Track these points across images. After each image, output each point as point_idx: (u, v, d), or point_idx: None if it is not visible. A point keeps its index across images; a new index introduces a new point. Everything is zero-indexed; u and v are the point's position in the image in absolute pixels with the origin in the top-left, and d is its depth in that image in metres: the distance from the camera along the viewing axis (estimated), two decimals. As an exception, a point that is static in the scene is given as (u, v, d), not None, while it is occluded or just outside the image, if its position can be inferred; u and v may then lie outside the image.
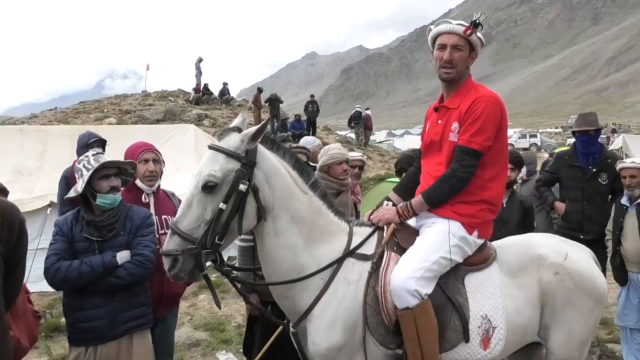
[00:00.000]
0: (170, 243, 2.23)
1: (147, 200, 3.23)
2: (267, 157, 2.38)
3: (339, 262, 2.46)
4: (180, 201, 3.48)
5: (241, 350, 5.01)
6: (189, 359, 4.95)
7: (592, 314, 2.74)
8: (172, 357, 3.58)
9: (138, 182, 3.20)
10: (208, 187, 2.21)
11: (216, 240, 2.22)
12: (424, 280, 2.39)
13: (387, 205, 2.82)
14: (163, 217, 3.23)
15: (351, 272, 2.46)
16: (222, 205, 2.21)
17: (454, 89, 2.63)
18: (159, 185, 3.32)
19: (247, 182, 2.24)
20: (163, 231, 3.14)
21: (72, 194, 2.83)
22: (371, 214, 2.77)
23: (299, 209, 2.42)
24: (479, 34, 2.56)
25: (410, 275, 2.36)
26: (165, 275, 2.29)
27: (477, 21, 2.50)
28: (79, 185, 2.77)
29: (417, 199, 2.58)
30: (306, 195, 2.47)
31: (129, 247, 2.86)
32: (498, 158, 2.60)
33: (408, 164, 3.84)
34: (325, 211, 2.55)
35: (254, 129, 2.26)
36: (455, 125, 2.55)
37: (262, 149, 2.36)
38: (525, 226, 4.15)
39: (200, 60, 23.17)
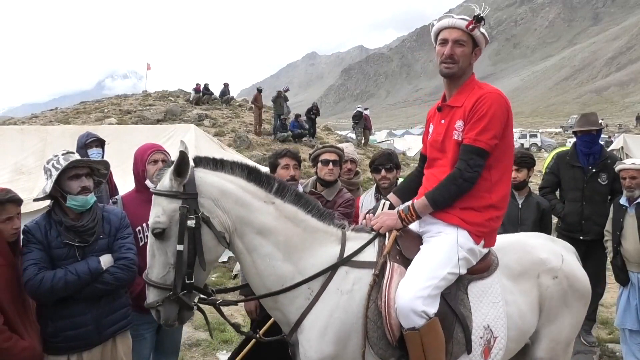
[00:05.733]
0: (149, 296, 2.23)
1: None
2: (210, 181, 2.27)
3: (329, 270, 2.34)
4: None
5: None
6: (190, 359, 4.95)
7: (580, 313, 2.77)
8: (177, 355, 3.59)
9: (148, 182, 3.20)
10: (158, 234, 2.17)
11: (186, 281, 2.18)
12: (430, 298, 2.28)
13: (384, 205, 2.68)
14: None
15: (344, 282, 2.34)
16: (179, 247, 2.16)
17: (457, 86, 2.52)
18: None
19: (194, 216, 2.16)
20: None
21: (40, 195, 2.66)
22: (368, 213, 2.68)
23: (264, 221, 2.31)
24: (482, 30, 2.44)
25: (417, 294, 2.24)
26: None
27: (480, 15, 2.39)
28: (47, 186, 2.61)
29: (421, 201, 2.45)
30: (272, 205, 2.35)
31: (109, 250, 2.76)
32: (504, 157, 2.50)
33: (388, 161, 3.76)
34: (301, 217, 2.40)
35: (174, 165, 2.17)
36: (459, 124, 2.44)
37: (201, 175, 2.26)
38: (542, 227, 4.12)
39: (286, 90, 22.80)
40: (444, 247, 2.40)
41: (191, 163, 2.24)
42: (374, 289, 2.31)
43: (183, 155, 2.16)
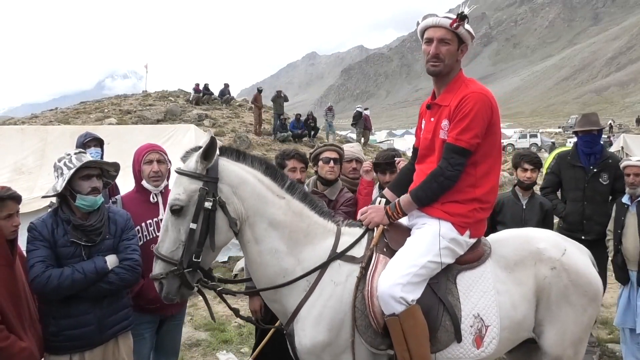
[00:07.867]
0: (156, 268, 2.33)
1: (156, 200, 3.24)
2: (231, 170, 2.39)
3: (324, 266, 2.45)
4: None
5: (242, 350, 5.01)
6: (190, 359, 4.95)
7: (586, 312, 2.73)
8: (177, 355, 3.59)
9: (144, 182, 3.20)
10: (175, 210, 2.29)
11: (193, 259, 2.28)
12: (410, 285, 2.37)
13: (380, 202, 2.77)
14: None
15: (337, 274, 2.45)
16: (192, 225, 2.28)
17: (444, 84, 2.60)
18: (167, 185, 3.31)
19: (212, 199, 2.28)
20: None
21: (50, 192, 2.71)
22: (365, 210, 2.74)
23: (275, 214, 2.43)
24: (467, 27, 2.50)
25: (396, 281, 2.34)
26: None
27: (464, 13, 2.44)
28: (59, 184, 2.66)
29: (405, 198, 2.56)
30: (283, 200, 2.48)
31: (115, 250, 2.80)
32: (490, 154, 2.57)
33: (392, 165, 3.71)
34: (307, 213, 2.54)
35: (203, 148, 2.29)
36: (445, 123, 2.53)
37: (224, 163, 2.39)
38: (544, 228, 4.12)
39: (329, 107, 23.83)
40: (425, 237, 2.49)
41: (217, 151, 2.36)
42: (361, 280, 2.43)
43: (213, 140, 2.29)
